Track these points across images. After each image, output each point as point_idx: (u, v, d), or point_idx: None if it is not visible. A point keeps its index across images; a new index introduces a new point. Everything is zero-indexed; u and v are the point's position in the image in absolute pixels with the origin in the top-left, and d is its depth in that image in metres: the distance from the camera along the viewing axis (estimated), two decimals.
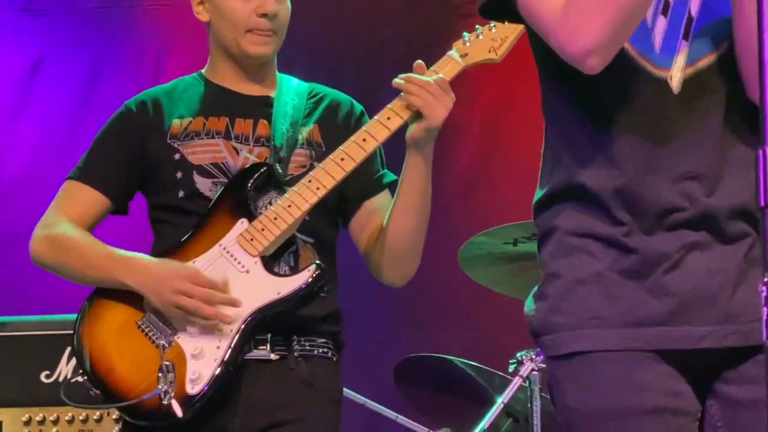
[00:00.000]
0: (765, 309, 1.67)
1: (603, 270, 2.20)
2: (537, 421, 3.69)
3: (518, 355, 3.74)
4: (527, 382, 3.70)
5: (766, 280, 1.68)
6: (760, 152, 1.73)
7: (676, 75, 2.24)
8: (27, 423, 3.84)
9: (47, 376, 3.83)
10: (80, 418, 3.82)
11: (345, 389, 3.20)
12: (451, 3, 4.92)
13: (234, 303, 2.98)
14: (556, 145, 2.32)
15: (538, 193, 2.30)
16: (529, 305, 2.28)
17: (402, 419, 4.02)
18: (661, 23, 2.27)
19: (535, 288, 2.28)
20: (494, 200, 4.78)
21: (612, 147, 2.24)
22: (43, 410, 3.83)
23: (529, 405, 3.71)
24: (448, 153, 4.73)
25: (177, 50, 4.85)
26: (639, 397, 2.18)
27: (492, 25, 3.06)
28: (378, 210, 3.17)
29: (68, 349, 3.74)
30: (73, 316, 3.10)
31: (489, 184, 5.00)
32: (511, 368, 3.76)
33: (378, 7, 5.30)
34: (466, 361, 4.02)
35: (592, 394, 2.22)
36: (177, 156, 3.12)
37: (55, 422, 3.86)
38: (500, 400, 3.72)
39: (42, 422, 3.87)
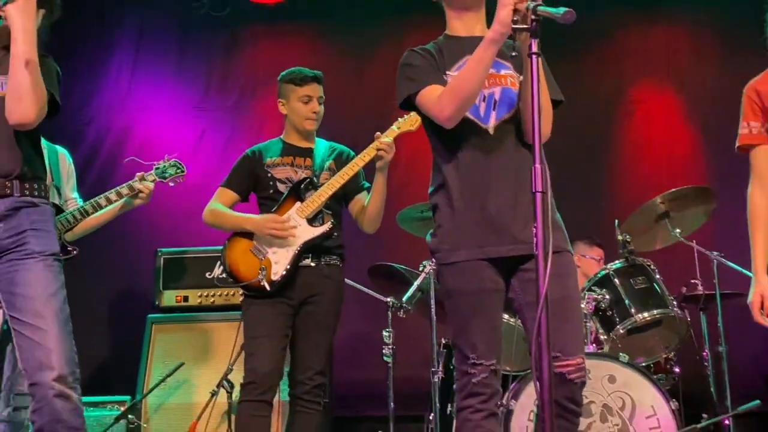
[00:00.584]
0: (534, 239, 1.97)
1: (462, 222, 2.44)
2: (432, 293, 3.84)
3: (424, 262, 3.85)
4: (428, 275, 3.81)
5: (534, 225, 1.97)
6: (533, 167, 2.00)
7: (491, 127, 2.44)
8: (200, 296, 4.23)
9: (209, 274, 4.26)
10: (224, 293, 4.22)
11: (346, 279, 3.58)
12: (392, 104, 4.84)
13: (294, 227, 3.28)
14: (437, 164, 2.53)
15: (430, 188, 2.56)
16: (428, 238, 2.54)
17: (371, 292, 4.24)
18: (482, 104, 2.44)
19: (431, 231, 2.54)
20: (412, 192, 4.67)
21: (461, 161, 2.44)
22: (207, 290, 4.23)
23: (429, 285, 3.85)
24: (393, 171, 4.59)
25: (270, 127, 4.83)
26: (479, 283, 2.41)
27: (412, 113, 3.29)
28: (361, 199, 3.50)
29: (218, 262, 4.01)
30: (220, 248, 3.44)
31: (411, 184, 5.03)
32: (420, 268, 3.88)
33: (357, 103, 5.44)
34: (401, 265, 4.17)
35: (459, 281, 2.44)
36: (269, 174, 3.43)
37: (213, 296, 4.23)
38: (416, 283, 3.88)
39: (206, 296, 4.23)
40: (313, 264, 3.33)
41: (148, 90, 5.59)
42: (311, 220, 3.34)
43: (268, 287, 3.22)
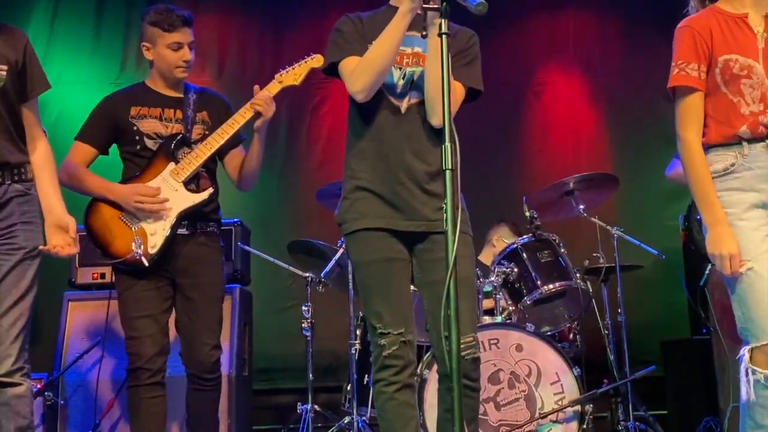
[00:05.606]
0: (434, 217, 2.08)
1: (368, 195, 2.47)
2: (350, 268, 3.78)
3: (342, 238, 3.44)
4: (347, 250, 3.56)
5: (435, 205, 2.12)
6: (443, 146, 1.98)
7: (404, 105, 2.47)
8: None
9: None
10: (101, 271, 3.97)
11: (266, 255, 3.53)
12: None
13: (166, 200, 3.02)
14: (349, 133, 2.58)
15: (346, 161, 2.59)
16: (337, 211, 2.59)
17: (290, 268, 4.08)
18: (401, 82, 2.48)
19: (339, 202, 2.58)
20: (332, 169, 4.71)
21: (371, 133, 2.48)
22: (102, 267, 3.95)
23: (347, 260, 3.76)
24: (312, 148, 4.86)
25: None
26: (382, 252, 2.46)
27: (294, 66, 3.15)
28: (238, 154, 3.26)
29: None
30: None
31: (331, 161, 4.97)
32: (339, 244, 3.91)
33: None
34: (320, 241, 4.13)
35: (363, 250, 2.49)
36: (135, 128, 3.12)
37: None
38: (334, 258, 3.97)
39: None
40: (188, 232, 3.08)
41: (64, 63, 5.39)
42: (187, 183, 3.08)
43: (146, 263, 2.95)
